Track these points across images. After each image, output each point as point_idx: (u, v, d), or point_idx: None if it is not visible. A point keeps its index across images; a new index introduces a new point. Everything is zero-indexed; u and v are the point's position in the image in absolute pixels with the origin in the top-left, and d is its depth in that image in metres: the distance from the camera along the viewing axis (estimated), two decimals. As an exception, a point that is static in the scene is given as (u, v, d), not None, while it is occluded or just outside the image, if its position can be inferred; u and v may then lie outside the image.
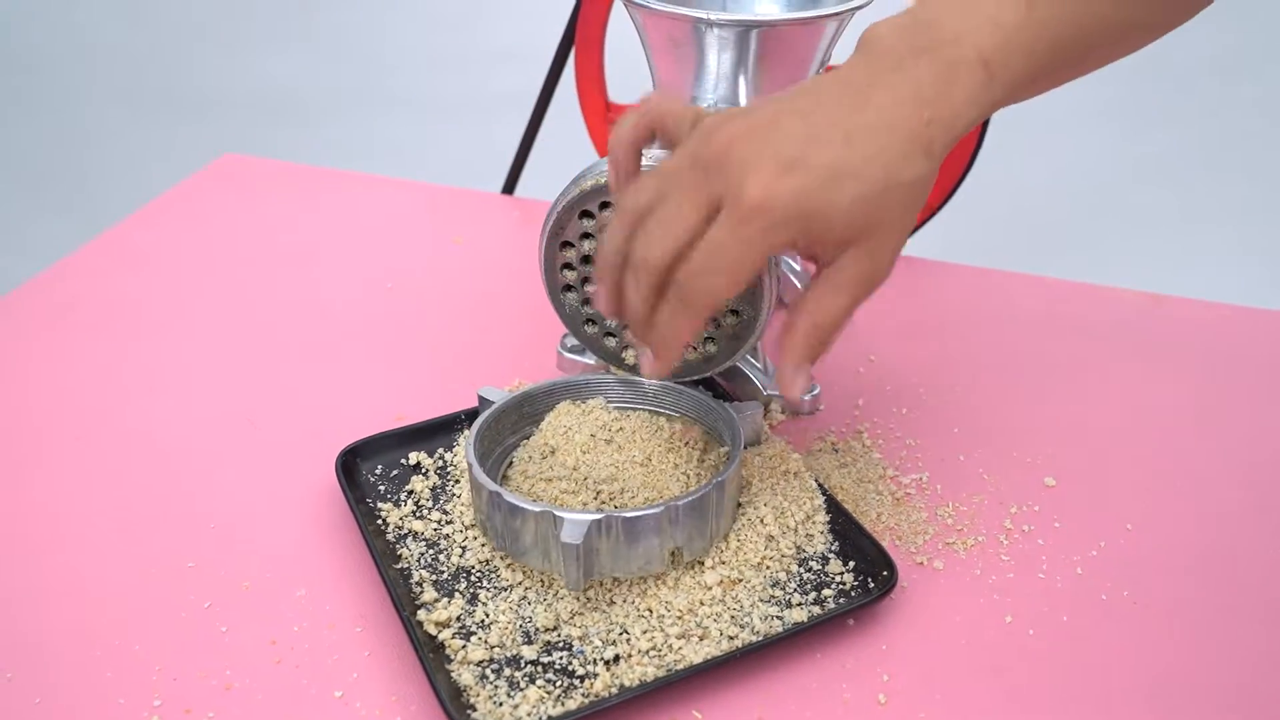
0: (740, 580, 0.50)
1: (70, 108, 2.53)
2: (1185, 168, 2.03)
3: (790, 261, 0.72)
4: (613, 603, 0.50)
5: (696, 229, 0.43)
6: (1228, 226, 1.86)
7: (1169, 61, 2.37)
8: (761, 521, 0.52)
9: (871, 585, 0.51)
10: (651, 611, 0.49)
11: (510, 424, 0.57)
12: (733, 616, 0.49)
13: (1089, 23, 0.45)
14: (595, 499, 0.51)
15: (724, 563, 0.51)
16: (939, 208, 0.78)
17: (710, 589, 0.50)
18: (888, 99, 0.42)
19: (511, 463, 0.55)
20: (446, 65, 2.56)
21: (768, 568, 0.51)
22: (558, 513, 0.48)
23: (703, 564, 0.50)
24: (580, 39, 0.81)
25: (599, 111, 0.83)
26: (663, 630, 0.48)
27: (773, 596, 0.50)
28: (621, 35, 0.75)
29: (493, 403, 0.56)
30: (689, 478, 0.53)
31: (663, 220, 0.43)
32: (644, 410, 0.57)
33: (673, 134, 0.47)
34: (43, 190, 2.20)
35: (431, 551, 0.53)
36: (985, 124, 0.74)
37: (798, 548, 0.52)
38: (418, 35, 2.77)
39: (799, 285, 0.72)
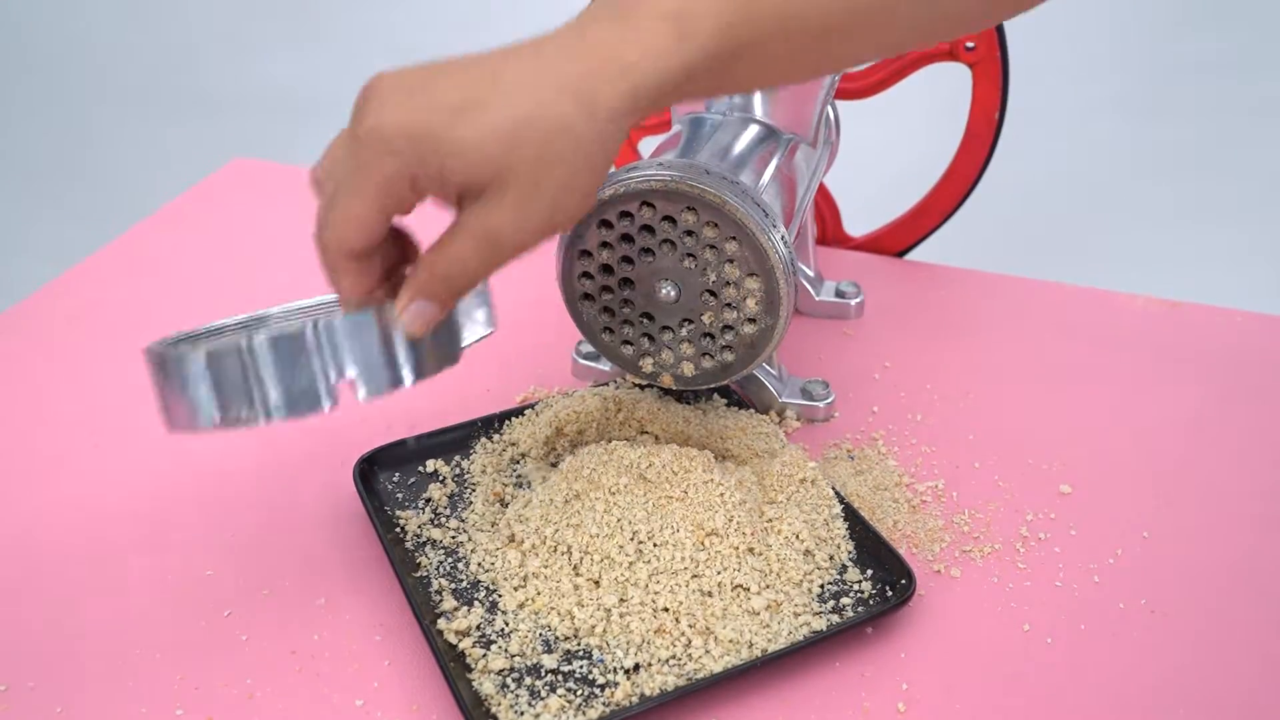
0: (785, 600, 0.50)
1: (80, 111, 2.53)
2: (1200, 168, 2.02)
3: (805, 268, 0.73)
4: (642, 620, 0.49)
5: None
6: (1245, 228, 1.86)
7: (1183, 61, 2.37)
8: (798, 538, 0.52)
9: (889, 593, 0.51)
10: (679, 621, 0.49)
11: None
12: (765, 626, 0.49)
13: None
14: (632, 541, 0.51)
15: (769, 586, 0.51)
16: (951, 214, 0.78)
17: (758, 614, 0.49)
18: (552, 49, 0.40)
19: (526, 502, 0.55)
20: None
21: (809, 583, 0.51)
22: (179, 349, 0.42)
23: (747, 589, 0.50)
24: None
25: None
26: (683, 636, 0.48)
27: (801, 607, 0.50)
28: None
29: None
30: (727, 504, 0.52)
31: (324, 164, 0.42)
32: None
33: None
34: (54, 194, 2.21)
35: (450, 560, 0.53)
36: (998, 132, 0.74)
37: (831, 557, 0.52)
38: (426, 37, 2.77)
39: (814, 294, 0.73)
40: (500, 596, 0.51)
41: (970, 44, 0.71)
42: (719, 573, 0.50)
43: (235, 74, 2.63)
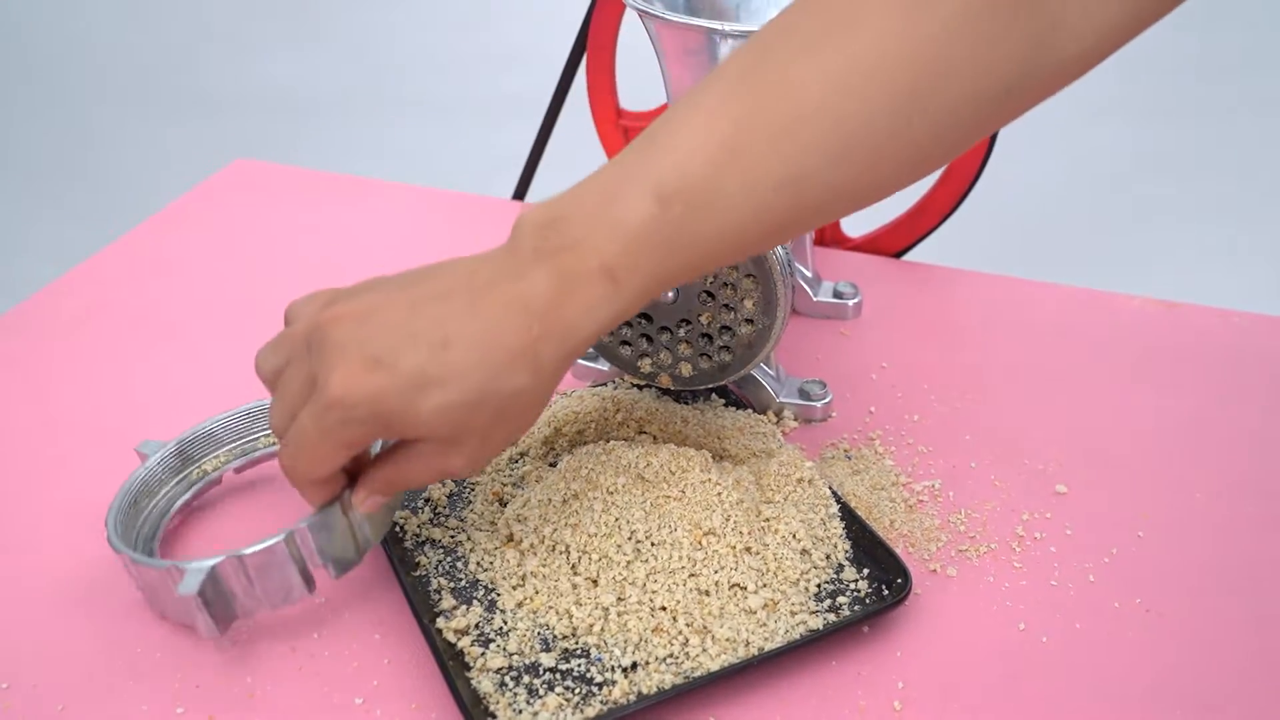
0: (782, 599, 0.51)
1: (83, 111, 2.54)
2: (1198, 169, 2.03)
3: (802, 269, 0.73)
4: (639, 620, 0.50)
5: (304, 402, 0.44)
6: (1243, 228, 1.86)
7: (1181, 62, 2.37)
8: (794, 537, 0.53)
9: (886, 592, 0.51)
10: (676, 620, 0.49)
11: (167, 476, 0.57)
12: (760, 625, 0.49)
13: (740, 216, 0.43)
14: (630, 540, 0.51)
15: (766, 585, 0.51)
16: (949, 214, 0.78)
17: (755, 613, 0.50)
18: (498, 309, 0.42)
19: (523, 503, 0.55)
20: (456, 68, 2.56)
21: (806, 582, 0.52)
22: (180, 565, 0.48)
23: (745, 588, 0.51)
24: (592, 45, 0.82)
25: (610, 118, 0.84)
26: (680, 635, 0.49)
27: (798, 606, 0.51)
28: (634, 41, 0.76)
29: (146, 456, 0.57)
30: (724, 503, 0.53)
31: (282, 395, 0.45)
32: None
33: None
34: (57, 194, 2.21)
35: (449, 559, 0.53)
36: (995, 133, 0.74)
37: (827, 556, 0.53)
38: (427, 38, 2.78)
39: (812, 295, 0.73)
40: (499, 595, 0.51)
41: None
42: (716, 572, 0.51)
43: (237, 74, 2.64)
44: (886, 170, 0.44)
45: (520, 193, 0.91)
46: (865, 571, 0.52)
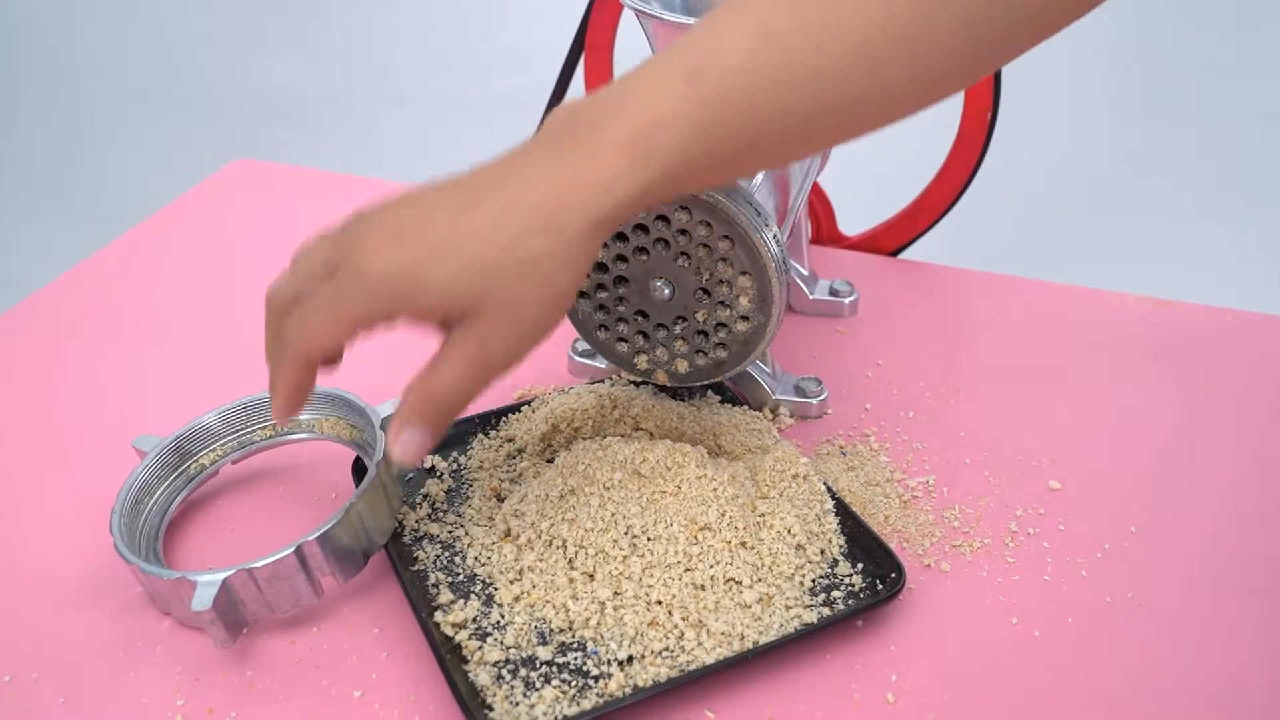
0: (777, 593, 0.51)
1: (83, 112, 2.54)
2: (1193, 168, 2.03)
3: (799, 267, 0.73)
4: (635, 614, 0.50)
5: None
6: (1241, 228, 1.87)
7: (1177, 60, 2.38)
8: (789, 532, 0.53)
9: (880, 587, 0.51)
10: (671, 614, 0.50)
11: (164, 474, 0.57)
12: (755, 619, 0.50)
13: (779, 100, 0.43)
14: (626, 535, 0.52)
15: (761, 580, 0.51)
16: (945, 212, 0.79)
17: (750, 607, 0.50)
18: (521, 183, 0.43)
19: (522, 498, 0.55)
20: (454, 69, 2.57)
21: (801, 577, 0.52)
22: (190, 577, 0.48)
23: (740, 583, 0.51)
24: (590, 45, 0.82)
25: (608, 117, 0.84)
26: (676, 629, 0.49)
27: (793, 600, 0.51)
28: (631, 41, 0.76)
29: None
30: (720, 499, 0.53)
31: (293, 274, 0.46)
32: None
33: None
34: (57, 193, 2.22)
35: (447, 554, 0.54)
36: (990, 133, 0.75)
37: (822, 551, 0.53)
38: (425, 39, 2.78)
39: (808, 293, 0.73)
40: (496, 590, 0.52)
41: (963, 45, 0.72)
42: (711, 566, 0.51)
43: (236, 75, 2.64)
44: (913, 74, 0.43)
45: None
46: (859, 566, 0.53)
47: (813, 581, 0.52)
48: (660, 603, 0.50)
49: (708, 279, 0.56)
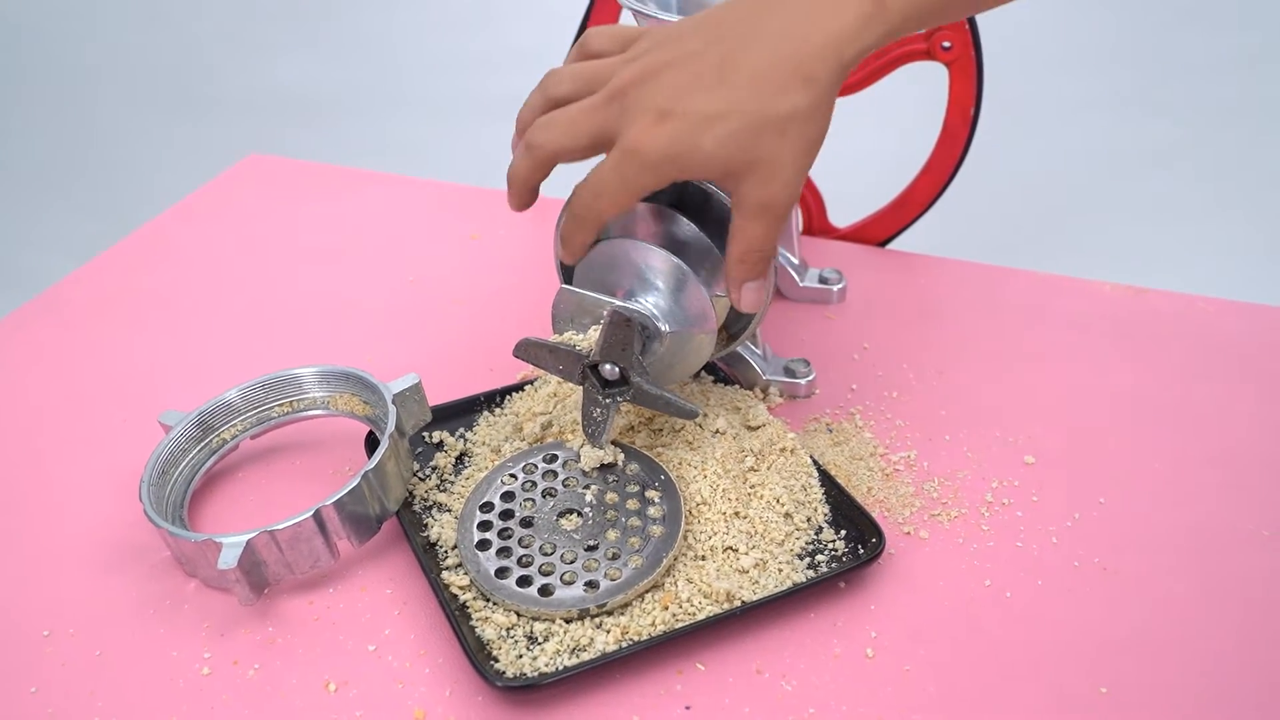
0: (770, 558, 0.54)
1: (104, 111, 2.58)
2: (1171, 162, 2.06)
3: (788, 255, 0.77)
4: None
5: (583, 145, 0.50)
6: (1223, 224, 1.89)
7: (1158, 54, 2.40)
8: (778, 501, 0.56)
9: (861, 551, 0.55)
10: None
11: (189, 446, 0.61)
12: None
13: None
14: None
15: (755, 547, 0.54)
16: (931, 204, 0.82)
17: (747, 572, 0.53)
18: (770, 41, 0.47)
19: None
20: (459, 68, 2.60)
21: (791, 543, 0.55)
22: (217, 539, 0.52)
23: (737, 550, 0.54)
24: (591, 45, 0.85)
25: (609, 113, 0.88)
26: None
27: (783, 564, 0.54)
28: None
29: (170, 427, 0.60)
30: (712, 474, 0.57)
31: (564, 122, 0.50)
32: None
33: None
34: (76, 190, 2.26)
35: (455, 522, 0.57)
36: (973, 127, 0.78)
37: (808, 519, 0.56)
38: (431, 39, 2.81)
39: (798, 280, 0.77)
40: (501, 553, 0.55)
41: (947, 44, 0.75)
42: (710, 537, 0.55)
43: (249, 75, 2.68)
44: None
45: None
46: (843, 533, 0.56)
47: (800, 547, 0.55)
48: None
49: None
